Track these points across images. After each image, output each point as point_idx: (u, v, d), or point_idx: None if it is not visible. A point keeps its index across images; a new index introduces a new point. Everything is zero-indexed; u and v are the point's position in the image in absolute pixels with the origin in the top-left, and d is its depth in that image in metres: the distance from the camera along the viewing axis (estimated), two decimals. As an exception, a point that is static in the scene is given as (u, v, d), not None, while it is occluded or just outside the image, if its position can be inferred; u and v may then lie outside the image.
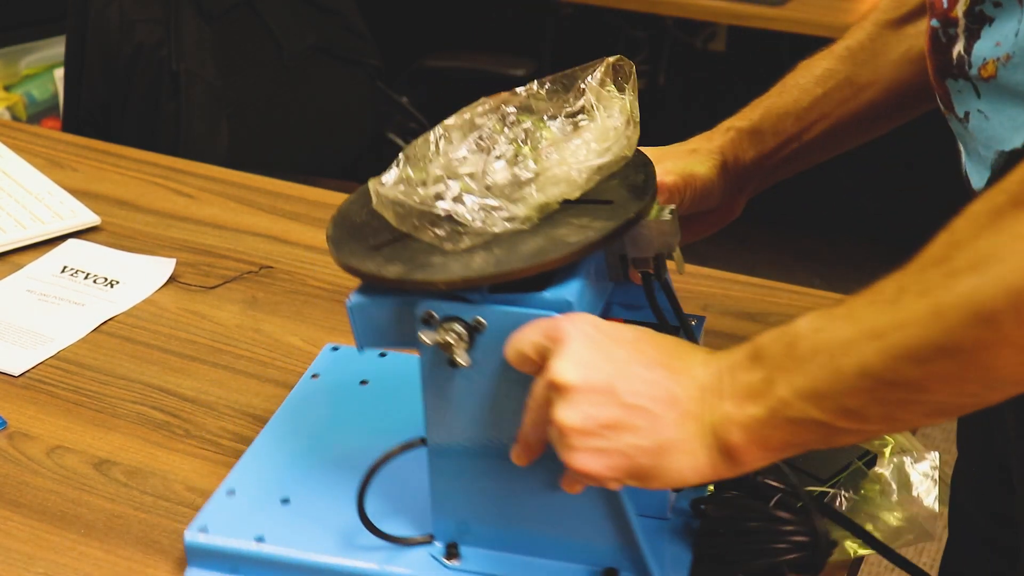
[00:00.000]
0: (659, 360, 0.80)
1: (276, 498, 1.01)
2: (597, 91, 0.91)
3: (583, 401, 0.78)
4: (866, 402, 0.72)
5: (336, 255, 0.91)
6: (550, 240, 0.87)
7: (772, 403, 0.75)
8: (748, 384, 0.76)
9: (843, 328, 0.73)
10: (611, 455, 0.78)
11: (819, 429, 0.74)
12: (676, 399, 0.78)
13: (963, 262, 0.68)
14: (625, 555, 0.93)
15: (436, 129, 0.92)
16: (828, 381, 0.73)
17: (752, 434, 0.76)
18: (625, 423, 0.78)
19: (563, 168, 0.89)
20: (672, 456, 0.78)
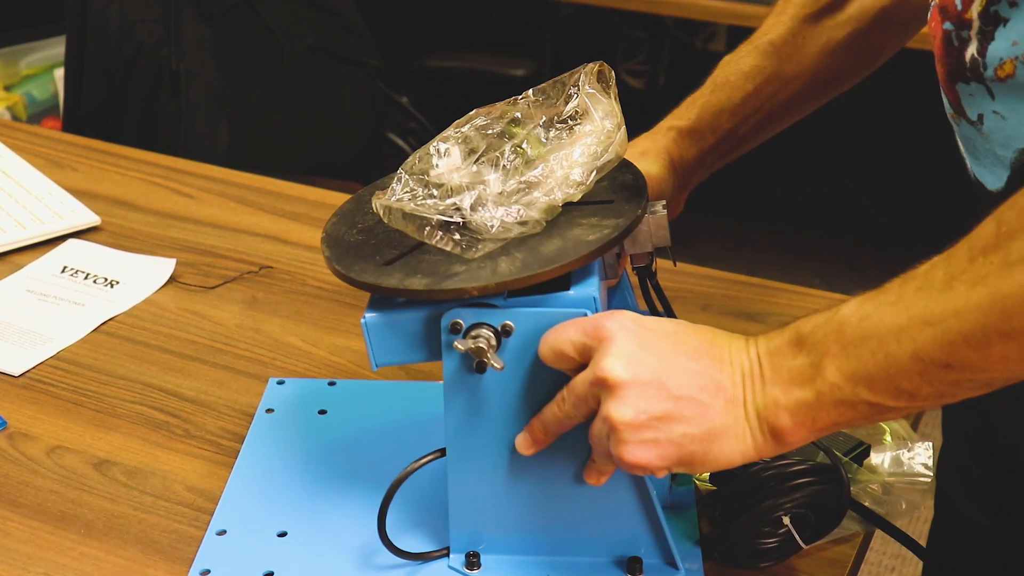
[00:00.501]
0: (701, 350, 0.83)
1: (272, 533, 1.02)
2: (590, 95, 0.93)
3: (635, 396, 0.82)
4: (919, 383, 0.76)
5: (346, 274, 0.92)
6: (569, 241, 0.90)
7: (821, 387, 0.78)
8: (793, 369, 0.80)
9: (893, 314, 0.76)
10: (663, 445, 0.82)
11: (869, 408, 0.78)
12: (721, 387, 0.82)
13: (1020, 252, 0.72)
14: (648, 542, 0.95)
15: (435, 143, 0.94)
16: (881, 365, 0.76)
17: (800, 416, 0.80)
18: (675, 414, 0.81)
19: (567, 171, 0.91)
20: (721, 441, 0.82)
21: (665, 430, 0.82)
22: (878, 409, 0.78)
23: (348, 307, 1.33)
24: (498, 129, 0.96)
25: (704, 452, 0.82)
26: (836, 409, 0.79)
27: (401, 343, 0.92)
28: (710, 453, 0.82)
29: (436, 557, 0.98)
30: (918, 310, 0.75)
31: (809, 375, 0.79)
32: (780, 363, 0.81)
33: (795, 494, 0.94)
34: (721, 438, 0.82)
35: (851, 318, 0.78)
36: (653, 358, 0.82)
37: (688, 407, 0.81)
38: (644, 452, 0.82)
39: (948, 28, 0.90)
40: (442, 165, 0.93)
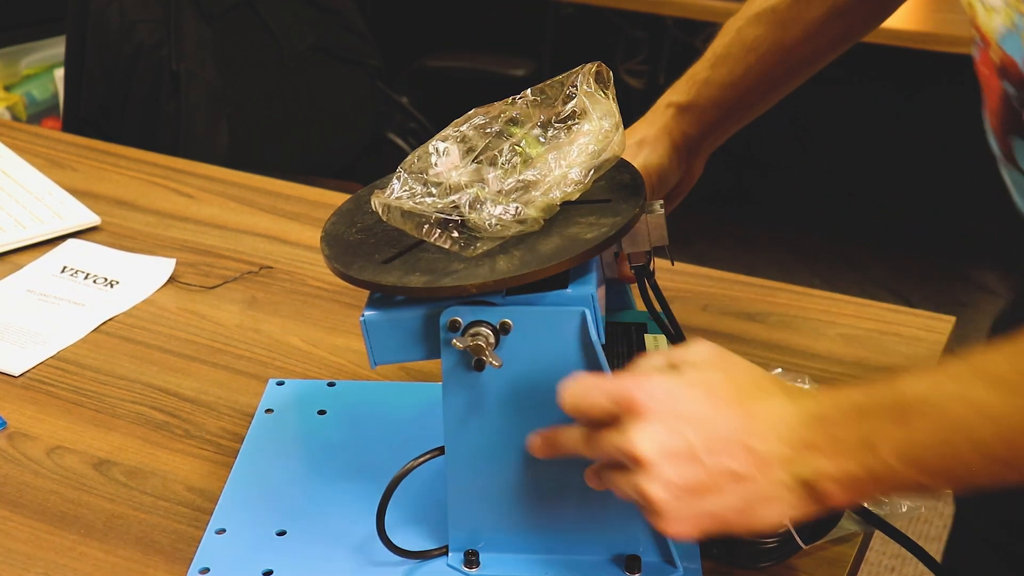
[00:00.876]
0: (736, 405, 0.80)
1: (271, 532, 1.02)
2: (589, 95, 0.94)
3: (665, 471, 0.79)
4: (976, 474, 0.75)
5: (345, 272, 0.92)
6: (567, 239, 0.90)
7: (874, 466, 0.77)
8: (846, 443, 0.77)
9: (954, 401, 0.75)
10: (702, 519, 0.80)
11: (918, 488, 0.78)
12: (758, 455, 0.79)
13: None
14: (647, 540, 0.95)
15: (434, 142, 0.94)
16: (939, 453, 0.75)
17: (847, 488, 0.78)
18: (710, 486, 0.79)
19: (565, 170, 0.91)
20: (761, 509, 0.80)
21: (701, 503, 0.79)
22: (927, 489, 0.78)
23: (348, 307, 1.33)
24: (496, 128, 0.96)
25: (743, 521, 0.80)
26: (888, 485, 0.78)
27: (400, 341, 0.92)
28: (750, 521, 0.80)
29: (435, 555, 0.98)
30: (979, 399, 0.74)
31: (861, 451, 0.77)
32: (833, 433, 0.78)
33: None
34: (761, 506, 0.79)
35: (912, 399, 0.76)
36: (685, 426, 0.79)
37: (723, 479, 0.79)
38: (682, 527, 0.80)
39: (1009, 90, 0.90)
40: (441, 164, 0.94)
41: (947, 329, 1.29)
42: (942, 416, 0.75)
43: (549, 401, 0.90)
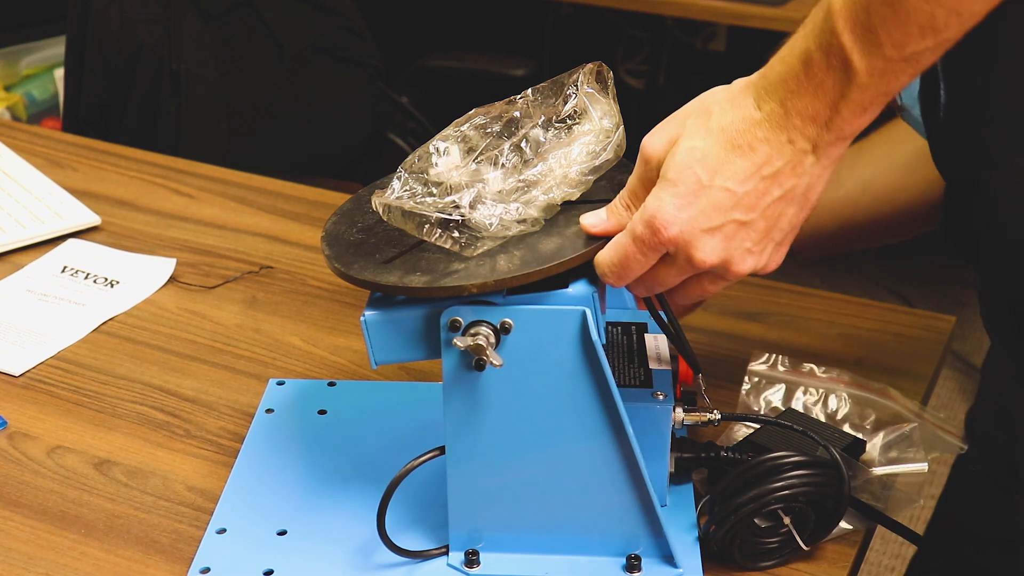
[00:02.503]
0: (739, 158, 0.84)
1: (271, 532, 1.02)
2: (589, 95, 0.94)
3: (737, 247, 0.86)
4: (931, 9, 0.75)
5: (346, 272, 0.92)
6: (567, 239, 0.91)
7: (859, 80, 0.79)
8: (827, 90, 0.81)
9: None
10: (786, 238, 0.88)
11: (907, 65, 0.79)
12: (782, 172, 0.84)
13: None
14: (647, 541, 0.95)
15: (434, 142, 0.94)
16: (891, 15, 0.76)
17: (857, 112, 0.81)
18: (772, 219, 0.86)
19: (565, 170, 0.91)
20: (816, 189, 0.85)
21: (777, 232, 0.86)
22: (915, 60, 0.78)
23: (348, 307, 1.33)
24: (497, 128, 0.96)
25: (812, 206, 0.86)
26: (882, 83, 0.79)
27: (400, 341, 0.92)
28: (815, 200, 0.86)
29: (435, 555, 0.98)
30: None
31: (843, 80, 0.80)
32: (811, 99, 0.82)
33: (792, 481, 0.94)
34: (814, 189, 0.85)
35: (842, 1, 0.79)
36: (723, 214, 0.84)
37: (774, 208, 0.85)
38: (777, 256, 0.88)
39: None
40: (441, 164, 0.94)
41: (947, 329, 1.29)
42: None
43: (549, 401, 0.90)
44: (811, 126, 0.82)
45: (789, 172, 0.83)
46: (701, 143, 0.84)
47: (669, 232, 0.85)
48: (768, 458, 0.95)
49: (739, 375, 1.17)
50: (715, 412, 0.99)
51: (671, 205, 0.85)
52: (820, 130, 0.82)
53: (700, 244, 0.85)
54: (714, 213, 0.84)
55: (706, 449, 1.02)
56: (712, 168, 0.84)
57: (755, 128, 0.83)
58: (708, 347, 1.26)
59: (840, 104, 0.80)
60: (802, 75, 0.81)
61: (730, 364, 1.20)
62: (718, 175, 0.84)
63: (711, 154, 0.84)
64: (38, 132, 1.84)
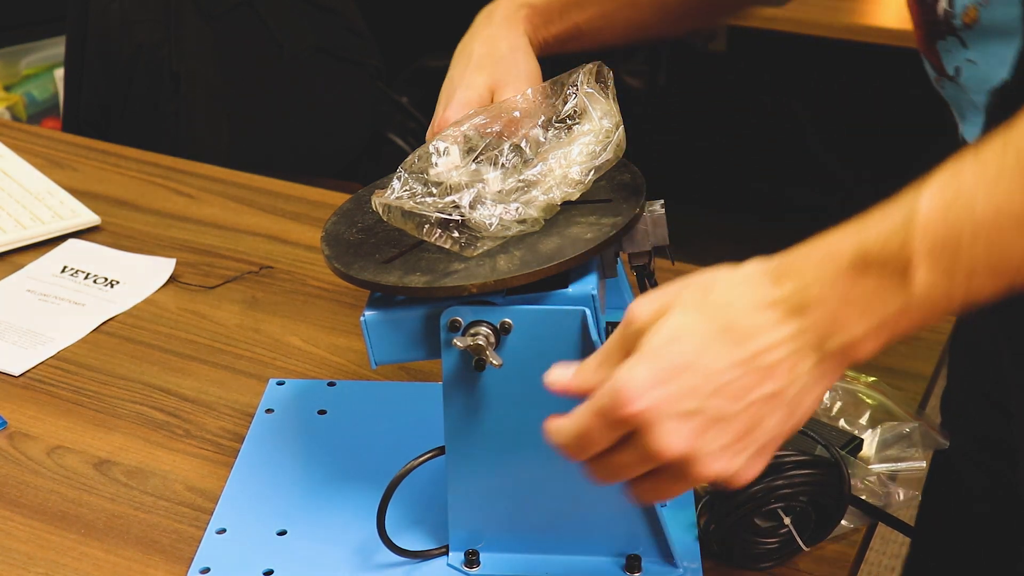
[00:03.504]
0: (731, 343, 0.74)
1: (271, 532, 1.02)
2: (589, 95, 0.94)
3: (709, 450, 0.75)
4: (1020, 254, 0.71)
5: (345, 272, 0.92)
6: (567, 239, 0.90)
7: (910, 295, 0.71)
8: (868, 293, 0.72)
9: (986, 192, 0.70)
10: (766, 448, 0.77)
11: (961, 305, 0.72)
12: (778, 365, 0.74)
13: None
14: (647, 541, 0.95)
15: (434, 142, 0.94)
16: (981, 255, 0.70)
17: (883, 335, 0.73)
18: (755, 420, 0.75)
19: (565, 170, 0.91)
20: (804, 401, 0.76)
21: (756, 439, 0.76)
22: (971, 302, 0.72)
23: (348, 307, 1.33)
24: (497, 128, 0.96)
25: (798, 421, 0.76)
26: (927, 313, 0.72)
27: (400, 341, 0.92)
28: (802, 415, 0.76)
29: (435, 555, 0.98)
30: (1014, 180, 0.69)
31: (891, 291, 0.71)
32: (848, 293, 0.72)
33: (792, 480, 0.94)
34: (803, 399, 0.75)
35: (933, 214, 0.70)
36: (697, 401, 0.74)
37: (760, 407, 0.75)
38: (752, 468, 0.77)
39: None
40: (441, 164, 0.94)
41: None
42: (972, 210, 0.70)
43: (549, 401, 0.90)
44: (829, 326, 0.73)
45: (787, 369, 0.74)
46: (693, 318, 0.75)
47: (633, 407, 0.73)
48: None
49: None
50: None
51: (643, 379, 0.74)
52: (836, 337, 0.74)
53: (664, 429, 0.73)
54: (689, 396, 0.74)
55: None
56: (699, 347, 0.74)
57: (763, 310, 0.74)
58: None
59: (873, 317, 0.73)
60: (845, 269, 0.73)
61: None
62: (704, 355, 0.74)
63: (702, 331, 0.74)
64: (38, 132, 1.84)
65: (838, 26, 2.61)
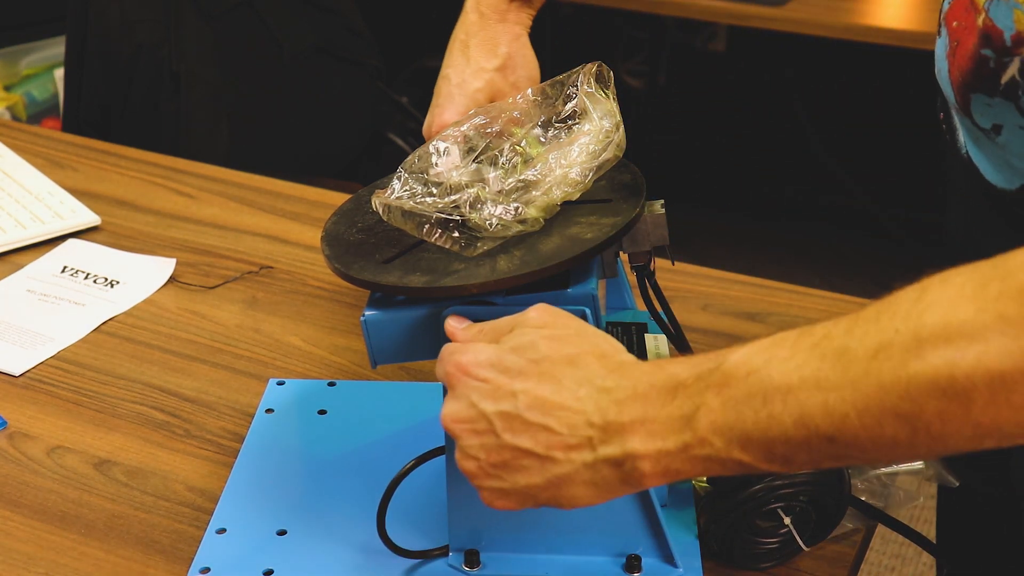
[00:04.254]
0: (548, 376, 0.79)
1: (271, 531, 1.02)
2: (590, 95, 0.94)
3: (468, 443, 0.81)
4: (796, 451, 0.71)
5: (346, 272, 0.92)
6: (567, 239, 0.90)
7: (688, 439, 0.74)
8: (661, 419, 0.75)
9: (783, 373, 0.71)
10: (512, 495, 0.81)
11: (738, 467, 0.74)
12: (559, 437, 0.78)
13: (937, 330, 0.66)
14: (647, 541, 0.95)
15: (434, 142, 0.94)
16: (761, 426, 0.72)
17: (660, 466, 0.76)
18: (511, 463, 0.80)
19: (565, 170, 0.91)
20: (568, 489, 0.79)
21: (508, 479, 0.80)
22: (747, 469, 0.74)
23: (348, 307, 1.33)
24: (497, 128, 0.96)
25: (555, 497, 0.80)
26: (702, 464, 0.75)
27: (400, 341, 0.92)
28: (563, 498, 0.80)
29: (436, 555, 0.98)
30: (810, 372, 0.70)
31: (678, 426, 0.74)
32: (647, 411, 0.76)
33: (793, 479, 0.94)
34: (566, 485, 0.79)
35: (737, 371, 0.73)
36: (487, 402, 0.80)
37: (522, 457, 0.79)
38: (498, 499, 0.82)
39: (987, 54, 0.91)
40: (441, 164, 0.94)
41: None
42: (768, 385, 0.71)
43: None
44: (616, 433, 0.76)
45: (562, 446, 0.78)
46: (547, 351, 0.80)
47: (452, 369, 0.82)
48: None
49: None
50: None
51: (479, 358, 0.81)
52: (617, 442, 0.76)
53: (457, 403, 0.82)
54: (489, 398, 0.80)
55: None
56: (527, 372, 0.80)
57: (584, 385, 0.78)
58: (708, 347, 1.25)
59: (654, 443, 0.75)
60: (659, 389, 0.76)
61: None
62: (525, 381, 0.79)
63: (540, 366, 0.80)
64: (38, 132, 1.84)
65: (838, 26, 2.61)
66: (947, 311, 0.67)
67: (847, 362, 0.69)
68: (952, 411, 0.66)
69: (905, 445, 0.68)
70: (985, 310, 0.65)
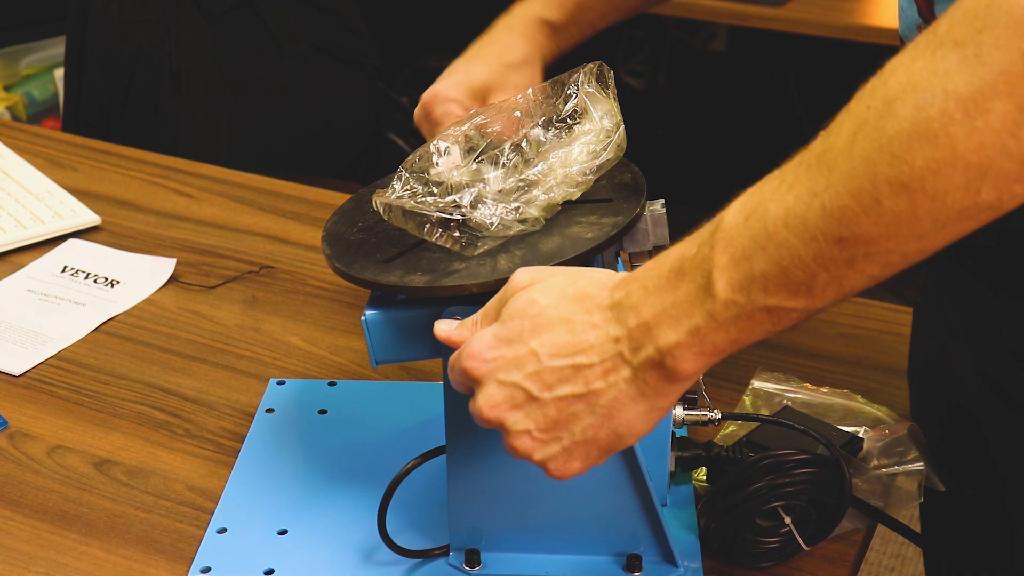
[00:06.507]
0: (556, 324, 0.78)
1: (272, 531, 1.02)
2: (590, 95, 0.94)
3: (516, 423, 0.79)
4: (814, 269, 0.71)
5: (346, 272, 0.92)
6: (567, 239, 0.91)
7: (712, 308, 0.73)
8: (679, 301, 0.75)
9: (778, 200, 0.71)
10: (576, 452, 0.80)
11: (768, 316, 0.73)
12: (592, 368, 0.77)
13: (902, 85, 0.67)
14: (648, 540, 0.95)
15: (436, 141, 0.94)
16: (772, 260, 0.71)
17: (695, 347, 0.75)
18: (563, 418, 0.79)
19: (566, 169, 0.91)
20: (621, 415, 0.78)
21: (566, 434, 0.79)
22: (777, 315, 0.73)
23: (348, 307, 1.33)
24: (498, 128, 0.96)
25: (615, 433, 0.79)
26: (735, 327, 0.74)
27: (401, 340, 0.92)
28: (622, 429, 0.79)
29: (436, 555, 0.98)
30: (803, 185, 0.70)
31: (698, 298, 0.74)
32: (663, 301, 0.75)
33: (793, 479, 0.94)
34: (620, 411, 0.78)
35: (735, 221, 0.73)
36: (514, 373, 0.79)
37: (571, 405, 0.78)
38: (565, 464, 0.80)
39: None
40: (442, 163, 0.94)
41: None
42: (768, 219, 0.71)
43: None
44: (642, 335, 0.76)
45: (600, 373, 0.77)
46: (545, 300, 0.79)
47: (467, 363, 0.81)
48: (769, 455, 0.95)
49: (739, 375, 1.17)
50: (715, 411, 0.99)
51: (485, 342, 0.80)
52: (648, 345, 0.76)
53: (486, 391, 0.80)
54: (512, 368, 0.79)
55: (706, 448, 1.02)
56: (536, 327, 0.79)
57: (595, 312, 0.78)
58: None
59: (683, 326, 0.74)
60: (665, 277, 0.76)
61: (730, 364, 1.20)
62: (536, 337, 0.78)
63: (545, 316, 0.79)
64: (38, 132, 1.84)
65: (838, 26, 2.61)
66: (908, 67, 0.68)
67: (831, 158, 0.70)
68: (939, 156, 0.66)
69: (908, 216, 0.68)
70: (941, 45, 0.66)
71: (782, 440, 1.02)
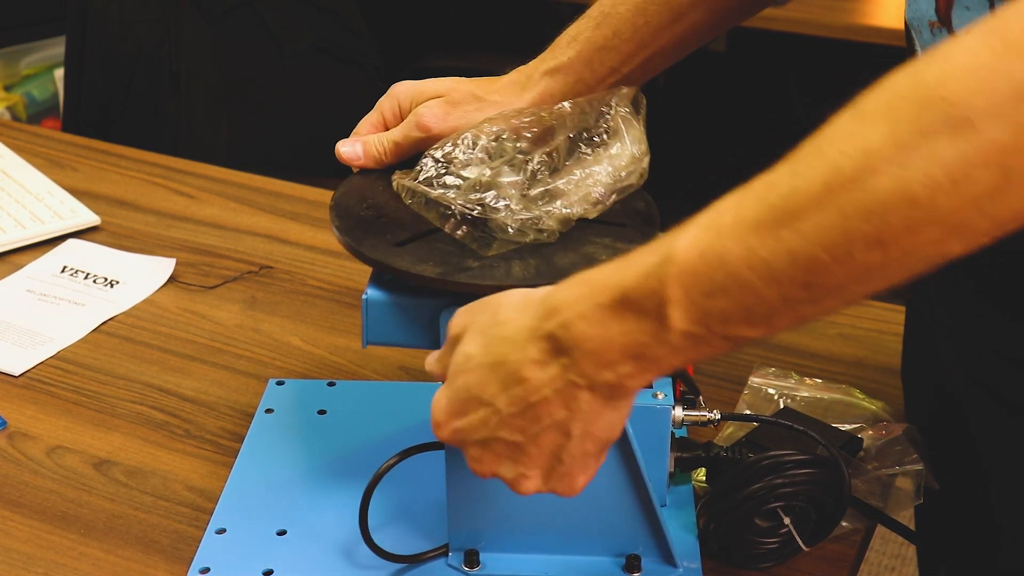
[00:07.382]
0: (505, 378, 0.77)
1: (271, 532, 1.02)
2: (625, 119, 0.94)
3: (510, 469, 0.81)
4: (776, 310, 0.69)
5: (356, 248, 0.92)
6: (583, 257, 0.91)
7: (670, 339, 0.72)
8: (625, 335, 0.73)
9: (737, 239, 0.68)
10: (574, 465, 0.80)
11: (724, 342, 0.72)
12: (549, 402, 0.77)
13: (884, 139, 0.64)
14: (647, 541, 0.95)
15: (466, 136, 0.95)
16: (734, 300, 0.69)
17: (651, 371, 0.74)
18: (547, 447, 0.79)
19: (589, 188, 0.92)
20: (598, 421, 0.78)
21: (555, 462, 0.80)
22: (735, 341, 0.71)
23: (348, 307, 1.33)
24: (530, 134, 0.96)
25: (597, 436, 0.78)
26: (693, 350, 0.72)
27: (396, 325, 0.93)
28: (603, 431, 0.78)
29: (435, 556, 0.98)
30: (766, 228, 0.67)
31: (651, 329, 0.71)
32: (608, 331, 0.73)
33: (793, 479, 0.94)
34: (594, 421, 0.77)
35: (688, 256, 0.70)
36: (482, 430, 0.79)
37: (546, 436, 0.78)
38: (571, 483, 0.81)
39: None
40: (470, 158, 0.94)
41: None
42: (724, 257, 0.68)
43: None
44: (594, 365, 0.74)
45: (559, 404, 0.76)
46: (475, 350, 0.78)
47: (442, 433, 0.81)
48: (769, 456, 0.95)
49: (738, 375, 1.17)
50: (715, 412, 0.99)
51: (443, 409, 0.81)
52: (603, 373, 0.74)
53: (470, 455, 0.81)
54: (480, 428, 0.79)
55: (705, 449, 1.02)
56: (480, 381, 0.78)
57: (531, 344, 0.76)
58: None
59: (636, 355, 0.73)
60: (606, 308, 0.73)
61: (730, 364, 1.20)
62: (485, 391, 0.78)
63: (481, 365, 0.78)
64: (38, 132, 1.84)
65: (838, 26, 2.61)
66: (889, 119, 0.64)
67: (800, 203, 0.66)
68: (920, 216, 0.64)
69: (878, 268, 0.66)
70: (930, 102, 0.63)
71: (781, 440, 1.02)
